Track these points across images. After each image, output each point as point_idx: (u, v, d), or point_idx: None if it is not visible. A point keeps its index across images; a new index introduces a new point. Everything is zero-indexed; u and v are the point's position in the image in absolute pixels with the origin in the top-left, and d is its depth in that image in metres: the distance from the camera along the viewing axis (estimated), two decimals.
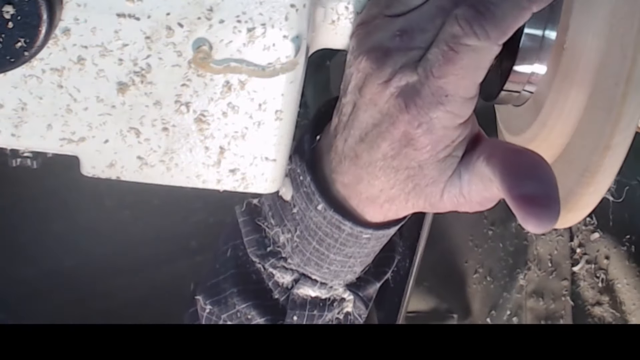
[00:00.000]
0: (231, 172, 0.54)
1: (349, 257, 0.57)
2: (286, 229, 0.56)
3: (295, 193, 0.55)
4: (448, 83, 0.45)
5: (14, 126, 0.51)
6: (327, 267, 0.57)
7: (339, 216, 0.53)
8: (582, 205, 0.49)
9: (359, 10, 0.52)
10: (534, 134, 0.53)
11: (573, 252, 0.80)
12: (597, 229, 0.79)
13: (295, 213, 0.55)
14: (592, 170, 0.46)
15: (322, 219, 0.54)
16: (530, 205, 0.44)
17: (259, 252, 0.58)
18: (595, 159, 0.46)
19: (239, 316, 0.60)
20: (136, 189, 0.56)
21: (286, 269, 0.58)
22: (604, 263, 0.80)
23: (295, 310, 0.59)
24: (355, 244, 0.55)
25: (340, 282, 0.58)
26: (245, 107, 0.52)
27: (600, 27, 0.47)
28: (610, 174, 0.46)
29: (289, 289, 0.59)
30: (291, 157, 0.55)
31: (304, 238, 0.55)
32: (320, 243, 0.55)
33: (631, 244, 0.79)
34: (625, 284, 0.80)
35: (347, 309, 0.60)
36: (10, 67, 0.46)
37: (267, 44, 0.50)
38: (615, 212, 0.78)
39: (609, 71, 0.45)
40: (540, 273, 0.80)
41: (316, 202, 0.53)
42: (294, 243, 0.56)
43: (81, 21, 0.48)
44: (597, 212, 0.74)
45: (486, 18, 0.43)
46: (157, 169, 0.54)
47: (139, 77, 0.50)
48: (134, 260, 1.28)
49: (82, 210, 1.22)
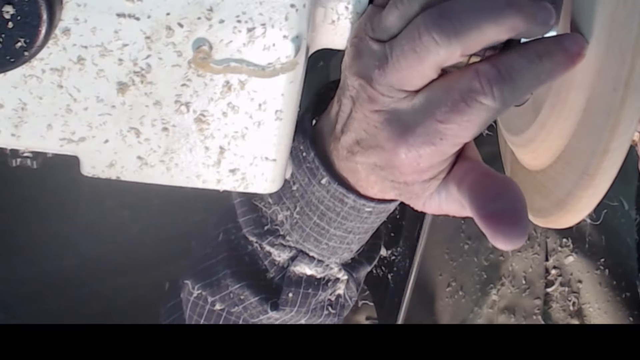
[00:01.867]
0: (231, 172, 0.54)
1: (349, 232, 0.57)
2: (285, 206, 0.57)
3: (297, 169, 0.55)
4: (448, 129, 0.46)
5: (14, 126, 0.51)
6: (326, 242, 0.57)
7: (343, 189, 0.54)
8: (580, 207, 0.49)
9: (359, 11, 0.52)
10: (533, 135, 0.54)
11: (548, 273, 0.80)
12: (573, 251, 0.80)
13: (295, 190, 0.56)
14: (591, 173, 0.46)
15: (326, 192, 0.54)
16: (497, 223, 0.45)
17: (256, 231, 0.59)
18: (594, 162, 0.46)
19: (232, 297, 0.60)
20: (136, 189, 0.56)
21: (284, 246, 0.59)
22: (577, 286, 0.81)
23: (291, 287, 0.59)
24: (357, 217, 0.56)
25: (337, 260, 0.59)
26: (245, 107, 0.52)
27: (599, 31, 0.47)
28: (608, 177, 0.46)
29: (284, 268, 0.59)
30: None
31: (304, 214, 0.56)
32: (321, 217, 0.56)
33: (605, 268, 0.80)
34: (597, 308, 0.81)
35: (340, 290, 0.61)
36: (10, 67, 0.46)
37: (267, 44, 0.50)
38: (591, 235, 0.79)
39: (608, 75, 0.45)
40: (514, 290, 0.81)
41: (320, 176, 0.54)
42: (293, 220, 0.57)
43: (81, 21, 0.48)
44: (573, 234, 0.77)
45: (507, 83, 0.44)
46: (157, 169, 0.54)
47: (139, 77, 0.50)
48: (134, 260, 1.28)
49: (82, 210, 1.22)
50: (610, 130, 0.45)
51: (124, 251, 1.25)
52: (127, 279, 1.28)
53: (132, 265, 1.28)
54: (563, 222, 0.51)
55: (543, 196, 0.54)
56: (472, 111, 0.45)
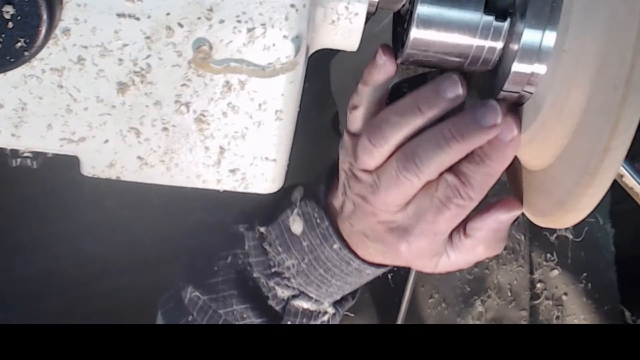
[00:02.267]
0: (231, 172, 0.54)
1: (348, 283, 0.66)
2: (294, 256, 0.65)
3: (310, 231, 0.64)
4: (439, 226, 0.58)
5: (14, 126, 0.51)
6: (325, 288, 0.66)
7: (352, 255, 0.63)
8: (581, 206, 0.49)
9: (359, 11, 0.52)
10: (533, 135, 0.53)
11: (533, 286, 0.83)
12: (557, 266, 0.83)
13: (305, 246, 0.65)
14: (591, 172, 0.46)
15: (335, 255, 0.64)
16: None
17: (265, 272, 0.67)
18: (595, 161, 0.46)
19: (235, 314, 0.68)
20: (136, 189, 0.56)
21: (288, 286, 0.67)
22: (562, 299, 0.83)
23: (290, 317, 0.68)
24: (358, 275, 0.65)
25: (331, 300, 0.68)
26: (245, 107, 0.52)
27: (599, 30, 0.47)
28: (609, 176, 0.46)
29: (285, 301, 0.68)
30: (304, 199, 0.65)
31: (311, 265, 0.65)
32: (327, 271, 0.65)
33: (588, 282, 0.83)
34: (582, 319, 0.83)
35: (327, 319, 0.70)
36: (10, 67, 0.46)
37: (267, 44, 0.50)
38: (573, 250, 0.83)
39: (609, 74, 0.45)
40: (500, 301, 0.82)
41: (332, 242, 0.64)
42: (300, 268, 0.66)
43: (81, 21, 0.48)
44: (557, 250, 0.82)
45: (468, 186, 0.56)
46: (157, 169, 0.54)
47: (139, 77, 0.50)
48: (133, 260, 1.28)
49: (82, 210, 1.22)
50: (611, 129, 0.45)
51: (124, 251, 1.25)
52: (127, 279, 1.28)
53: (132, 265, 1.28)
54: (564, 222, 0.51)
55: (543, 196, 0.54)
56: (452, 211, 0.57)
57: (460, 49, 0.54)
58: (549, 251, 0.82)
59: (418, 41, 0.54)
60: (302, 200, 0.65)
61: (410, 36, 0.54)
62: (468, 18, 0.53)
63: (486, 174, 0.56)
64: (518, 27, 0.52)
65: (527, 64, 0.52)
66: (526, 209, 0.57)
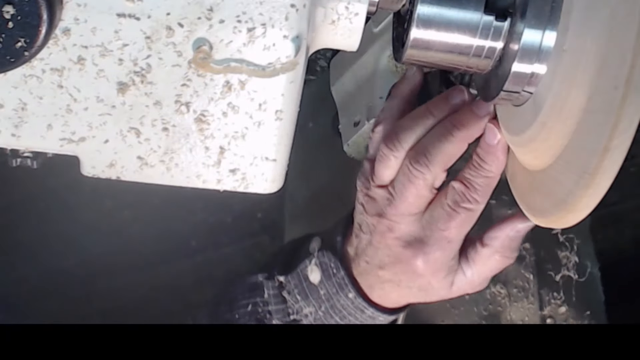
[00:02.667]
0: (231, 172, 0.54)
1: None
2: (311, 304, 0.70)
3: (327, 280, 0.69)
4: (450, 232, 0.63)
5: (14, 126, 0.51)
6: None
7: (366, 303, 0.69)
8: (581, 206, 0.49)
9: (359, 11, 0.52)
10: (533, 134, 0.53)
11: (544, 322, 0.89)
12: (564, 303, 0.88)
13: (322, 294, 0.70)
14: (592, 172, 0.46)
15: (350, 303, 0.69)
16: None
17: (284, 320, 0.72)
18: (595, 160, 0.46)
19: None
20: (136, 189, 0.56)
21: None
22: None
23: None
24: (370, 321, 0.70)
25: None
26: (245, 107, 0.52)
27: (599, 30, 0.47)
28: (609, 176, 0.46)
29: None
30: (321, 250, 0.70)
31: (327, 313, 0.70)
32: (342, 318, 0.70)
33: (591, 319, 0.90)
34: None
35: None
36: (10, 67, 0.46)
37: (267, 44, 0.50)
38: (577, 290, 0.89)
39: (609, 74, 0.45)
40: None
41: (347, 291, 0.69)
42: (317, 315, 0.71)
43: (81, 21, 0.48)
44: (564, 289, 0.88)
45: (470, 191, 0.61)
46: (157, 169, 0.54)
47: (139, 77, 0.50)
48: (133, 260, 1.28)
49: (82, 210, 1.22)
50: (611, 129, 0.45)
51: (124, 251, 1.25)
52: (127, 279, 1.29)
53: (131, 265, 1.29)
54: (564, 222, 0.51)
55: (543, 196, 0.54)
56: (461, 215, 0.62)
57: (460, 49, 0.54)
58: (556, 290, 0.89)
59: (418, 41, 0.54)
60: (320, 250, 0.70)
61: (410, 36, 0.54)
62: (468, 18, 0.53)
63: (485, 177, 0.61)
64: (518, 27, 0.52)
65: (527, 64, 0.52)
66: (526, 209, 0.57)
